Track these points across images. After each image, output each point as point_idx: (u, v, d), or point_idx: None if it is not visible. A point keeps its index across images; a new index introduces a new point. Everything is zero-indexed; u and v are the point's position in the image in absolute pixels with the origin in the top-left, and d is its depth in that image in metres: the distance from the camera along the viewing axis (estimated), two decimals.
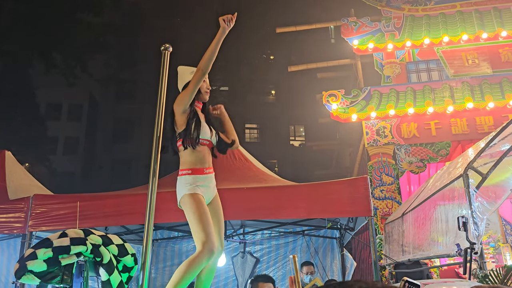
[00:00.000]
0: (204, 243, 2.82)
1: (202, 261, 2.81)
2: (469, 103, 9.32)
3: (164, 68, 3.38)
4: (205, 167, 3.05)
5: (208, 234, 2.85)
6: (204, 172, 3.03)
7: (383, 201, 9.15)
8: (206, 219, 2.90)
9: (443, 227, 4.05)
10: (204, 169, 3.04)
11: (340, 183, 4.92)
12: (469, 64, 10.33)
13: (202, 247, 2.82)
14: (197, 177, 2.99)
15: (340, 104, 9.87)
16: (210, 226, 2.90)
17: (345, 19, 10.97)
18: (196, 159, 3.02)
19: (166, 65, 3.40)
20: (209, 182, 3.07)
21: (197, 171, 3.01)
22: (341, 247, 7.10)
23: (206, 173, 3.05)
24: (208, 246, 2.82)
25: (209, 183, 3.07)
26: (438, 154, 9.43)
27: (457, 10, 10.97)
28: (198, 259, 2.80)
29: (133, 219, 4.95)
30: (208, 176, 3.06)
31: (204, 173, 3.03)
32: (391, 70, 10.56)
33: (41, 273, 2.54)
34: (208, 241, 2.83)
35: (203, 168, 3.03)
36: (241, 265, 7.35)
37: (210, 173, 3.10)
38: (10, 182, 6.04)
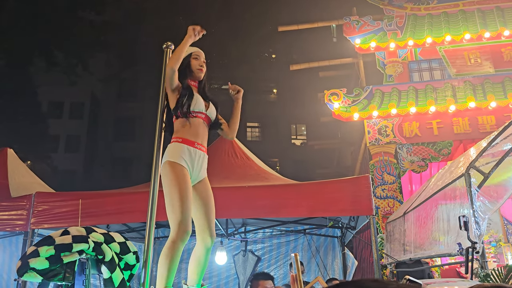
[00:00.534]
0: (180, 223, 2.68)
1: (178, 245, 2.69)
2: (471, 102, 9.30)
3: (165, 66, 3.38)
4: (197, 141, 2.91)
5: (185, 212, 2.70)
6: (195, 145, 2.90)
7: (384, 200, 9.14)
8: (186, 195, 2.74)
9: (444, 226, 4.05)
10: (196, 143, 2.90)
11: (342, 182, 4.92)
12: (471, 63, 10.32)
13: (177, 228, 2.69)
14: (186, 148, 2.85)
15: (342, 103, 9.86)
16: (189, 204, 2.74)
17: (347, 17, 10.96)
18: (188, 130, 2.91)
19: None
20: (199, 158, 2.92)
21: (187, 141, 2.87)
22: (342, 246, 7.11)
23: (197, 147, 2.91)
24: (183, 226, 2.68)
25: (198, 160, 2.92)
26: (440, 153, 9.41)
27: (459, 9, 10.95)
28: (175, 243, 2.68)
29: (135, 217, 4.96)
30: (198, 151, 2.92)
31: (195, 146, 2.89)
32: (393, 69, 10.54)
33: (43, 270, 2.54)
34: (184, 220, 2.68)
35: (194, 141, 2.90)
36: (242, 263, 7.36)
37: (201, 150, 2.95)
38: (12, 180, 6.06)
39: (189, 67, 3.12)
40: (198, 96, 3.00)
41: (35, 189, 5.56)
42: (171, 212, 2.75)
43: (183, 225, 2.69)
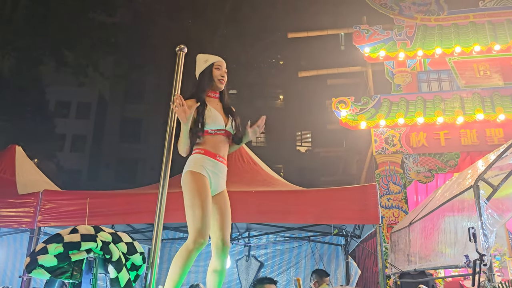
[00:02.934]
0: (199, 232, 2.69)
1: (192, 253, 2.69)
2: (479, 115, 9.27)
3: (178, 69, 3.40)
4: (219, 154, 2.94)
5: (205, 221, 2.71)
6: (217, 158, 2.93)
7: (389, 209, 9.10)
8: (206, 204, 2.76)
9: (451, 237, 4.03)
10: (217, 155, 2.93)
11: (349, 190, 4.91)
12: (480, 75, 10.29)
13: (195, 236, 2.70)
14: (208, 159, 2.89)
15: (349, 111, 9.85)
16: (209, 213, 2.76)
17: (357, 26, 10.98)
18: (209, 144, 2.94)
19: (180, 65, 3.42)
20: (219, 171, 2.95)
21: (209, 153, 2.91)
22: (346, 255, 7.07)
23: (218, 160, 2.94)
24: (201, 235, 2.69)
25: (219, 172, 2.94)
26: (446, 164, 9.37)
27: (470, 21, 10.94)
28: (190, 251, 2.69)
29: (141, 218, 4.97)
30: (219, 164, 2.94)
31: (217, 159, 2.92)
32: (402, 78, 10.54)
33: (51, 268, 2.55)
34: (203, 229, 2.69)
35: (216, 153, 2.93)
36: (245, 268, 7.34)
37: (222, 162, 2.97)
38: (19, 177, 6.10)
39: (211, 77, 3.09)
40: (216, 113, 2.98)
41: (42, 187, 5.59)
42: (191, 220, 2.76)
43: (202, 234, 2.71)
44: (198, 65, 3.17)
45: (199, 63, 3.18)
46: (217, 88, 3.11)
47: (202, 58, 3.18)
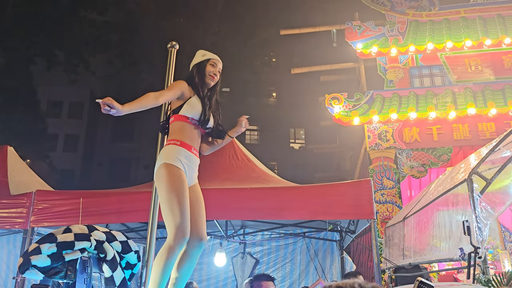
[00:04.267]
0: (178, 228, 2.60)
1: (175, 250, 2.61)
2: (471, 109, 9.33)
3: (170, 65, 3.40)
4: (193, 146, 2.91)
5: (184, 216, 2.63)
6: (192, 150, 2.89)
7: (383, 204, 9.15)
8: (184, 198, 2.69)
9: (445, 231, 4.05)
10: (192, 147, 2.89)
11: (343, 185, 4.92)
12: (472, 70, 10.36)
13: (175, 232, 2.61)
14: (183, 151, 2.83)
15: (342, 107, 9.88)
16: (187, 207, 2.68)
17: (349, 22, 11.00)
18: (185, 134, 2.89)
19: (172, 62, 3.42)
20: (193, 163, 2.91)
21: (185, 145, 2.85)
22: (341, 250, 7.08)
23: (193, 152, 2.90)
24: (182, 231, 2.61)
25: (193, 164, 2.91)
26: (439, 159, 9.43)
27: (461, 16, 11.00)
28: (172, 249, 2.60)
29: (135, 217, 4.94)
30: (194, 156, 2.90)
31: (191, 151, 2.88)
32: (394, 74, 10.57)
33: (45, 268, 2.53)
34: (182, 225, 2.61)
35: (191, 146, 2.89)
36: (240, 265, 7.34)
37: (195, 155, 2.93)
38: (11, 178, 6.03)
39: (203, 71, 3.08)
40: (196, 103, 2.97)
41: (35, 187, 5.53)
42: (170, 216, 2.65)
43: (182, 230, 2.62)
44: (195, 58, 3.17)
45: (197, 56, 3.18)
46: (206, 84, 3.09)
47: (201, 52, 3.19)
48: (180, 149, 2.83)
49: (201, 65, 3.09)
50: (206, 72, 3.08)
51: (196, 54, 3.19)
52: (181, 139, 2.86)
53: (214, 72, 3.08)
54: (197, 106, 2.96)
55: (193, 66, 3.13)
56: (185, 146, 2.85)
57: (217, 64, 3.12)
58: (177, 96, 2.96)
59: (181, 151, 2.82)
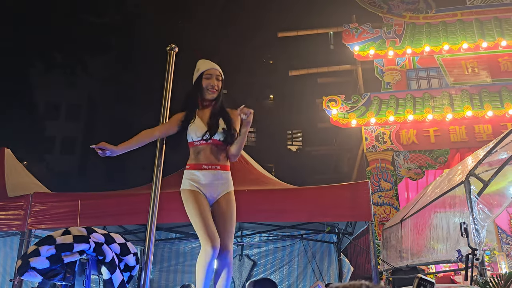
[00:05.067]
0: (206, 241, 2.81)
1: (208, 261, 2.79)
2: (468, 111, 9.38)
3: (169, 68, 3.39)
4: (204, 163, 2.99)
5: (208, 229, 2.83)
6: (203, 168, 2.99)
7: (381, 206, 9.17)
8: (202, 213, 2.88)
9: (443, 233, 4.06)
10: (203, 164, 3.00)
11: (341, 187, 4.93)
12: (468, 72, 10.41)
13: (205, 246, 2.82)
14: (193, 173, 3.00)
15: (340, 109, 9.90)
16: (207, 219, 2.87)
17: (346, 25, 11.04)
18: (194, 156, 3.05)
19: (171, 65, 3.42)
20: (210, 179, 2.99)
21: (193, 166, 3.02)
22: (339, 252, 7.10)
23: (206, 169, 2.99)
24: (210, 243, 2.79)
25: (210, 179, 2.99)
26: (436, 161, 9.47)
27: (457, 18, 11.05)
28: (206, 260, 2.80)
29: (133, 219, 4.94)
30: (208, 172, 2.99)
31: (203, 168, 2.99)
32: (392, 76, 10.61)
33: (43, 270, 2.53)
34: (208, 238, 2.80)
35: (201, 164, 3.00)
36: (238, 267, 7.34)
37: (213, 169, 3.00)
38: (9, 180, 6.01)
39: (200, 88, 3.09)
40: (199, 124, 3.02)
41: (32, 189, 5.52)
42: (197, 231, 2.89)
43: (208, 240, 2.81)
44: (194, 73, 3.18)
45: (195, 70, 3.19)
46: (207, 99, 3.10)
47: (197, 65, 3.20)
48: (189, 172, 3.02)
49: (196, 82, 3.12)
50: (203, 88, 3.09)
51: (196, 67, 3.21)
52: (190, 162, 3.06)
53: (211, 83, 3.07)
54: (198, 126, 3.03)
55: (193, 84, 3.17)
56: (193, 167, 3.02)
57: (213, 73, 3.11)
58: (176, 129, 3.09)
59: (191, 174, 3.01)
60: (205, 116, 3.08)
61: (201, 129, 3.01)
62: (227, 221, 3.00)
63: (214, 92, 3.09)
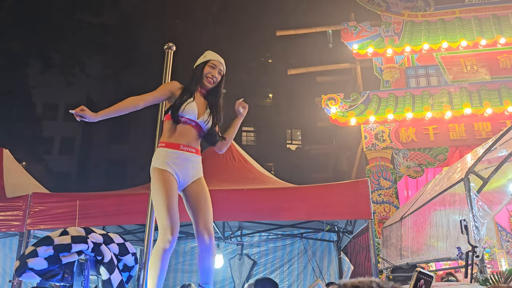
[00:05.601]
0: (164, 230, 2.68)
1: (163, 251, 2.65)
2: (467, 109, 9.37)
3: (167, 67, 3.38)
4: (183, 143, 2.87)
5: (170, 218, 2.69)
6: (180, 148, 2.86)
7: (380, 205, 9.16)
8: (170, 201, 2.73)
9: (443, 231, 4.05)
10: (181, 145, 2.86)
11: (341, 185, 4.92)
12: (467, 70, 10.40)
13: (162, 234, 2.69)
14: (169, 152, 2.84)
15: (339, 107, 9.89)
16: (173, 209, 2.72)
17: (345, 23, 11.02)
18: (173, 133, 2.88)
19: (169, 63, 3.41)
20: (186, 160, 2.87)
21: (171, 145, 2.85)
22: (339, 251, 7.09)
23: (183, 150, 2.86)
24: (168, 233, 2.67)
25: (186, 161, 2.87)
26: (436, 159, 9.46)
27: (456, 16, 11.04)
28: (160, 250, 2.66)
29: (132, 219, 4.92)
30: (185, 153, 2.87)
31: (180, 149, 2.85)
32: (390, 75, 10.60)
33: (41, 271, 2.52)
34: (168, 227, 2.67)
35: (179, 144, 2.86)
36: (238, 267, 7.33)
37: (190, 151, 2.89)
38: (7, 180, 5.99)
39: (201, 72, 3.05)
40: (192, 103, 2.94)
41: (31, 190, 5.50)
42: (158, 218, 2.75)
43: (168, 231, 2.68)
44: (199, 59, 3.16)
45: (200, 57, 3.16)
46: (204, 85, 3.06)
47: (204, 53, 3.17)
48: (166, 151, 2.85)
49: (199, 67, 3.07)
50: (203, 73, 3.04)
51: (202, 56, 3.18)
52: (167, 140, 2.88)
53: (213, 73, 3.04)
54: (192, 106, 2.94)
55: (194, 68, 3.12)
56: (171, 146, 2.86)
57: (217, 65, 3.08)
58: (163, 98, 2.99)
59: (167, 153, 2.84)
60: (200, 101, 3.01)
61: (194, 110, 2.92)
62: (205, 204, 2.90)
63: (210, 82, 3.05)
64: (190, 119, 2.91)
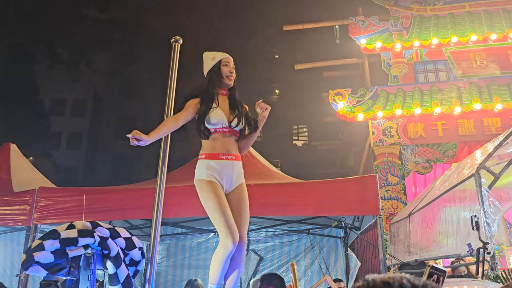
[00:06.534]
0: (225, 236, 2.78)
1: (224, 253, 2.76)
2: (476, 104, 9.26)
3: (174, 60, 3.34)
4: (222, 152, 2.95)
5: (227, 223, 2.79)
6: (220, 157, 2.95)
7: (388, 201, 9.09)
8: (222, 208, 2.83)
9: (453, 227, 4.00)
10: (220, 154, 2.95)
11: (349, 181, 4.87)
12: (477, 65, 10.27)
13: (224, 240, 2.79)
14: (210, 162, 2.93)
15: (346, 103, 9.82)
16: (227, 215, 2.82)
17: (353, 18, 10.93)
18: (210, 145, 2.98)
19: (176, 57, 3.36)
20: (226, 169, 2.95)
21: (210, 156, 2.95)
22: (346, 247, 7.04)
23: (222, 158, 2.95)
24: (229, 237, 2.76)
25: (226, 170, 2.95)
26: (444, 155, 9.37)
27: (466, 10, 10.90)
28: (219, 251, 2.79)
29: (139, 214, 4.91)
30: (225, 162, 2.95)
31: (220, 158, 2.94)
32: (399, 69, 10.50)
33: (48, 264, 2.49)
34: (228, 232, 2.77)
35: (218, 153, 2.95)
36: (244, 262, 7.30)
37: (229, 159, 2.98)
38: (14, 175, 6.02)
39: (219, 74, 3.08)
40: (217, 110, 2.98)
41: (38, 184, 5.51)
42: (216, 226, 2.85)
43: (228, 239, 2.77)
44: (206, 63, 3.16)
45: (206, 60, 3.17)
46: (226, 85, 3.09)
47: (209, 55, 3.17)
48: (205, 162, 2.95)
49: (214, 69, 3.10)
50: (222, 74, 3.08)
51: (205, 59, 3.18)
52: (206, 151, 2.99)
53: (230, 70, 3.10)
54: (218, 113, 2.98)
55: (208, 72, 3.13)
56: (210, 156, 2.96)
57: (230, 62, 3.13)
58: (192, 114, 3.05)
59: (207, 163, 2.94)
60: (224, 104, 3.06)
61: (224, 116, 2.98)
62: (244, 212, 2.98)
63: (231, 79, 3.10)
64: (221, 127, 2.98)
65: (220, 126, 2.98)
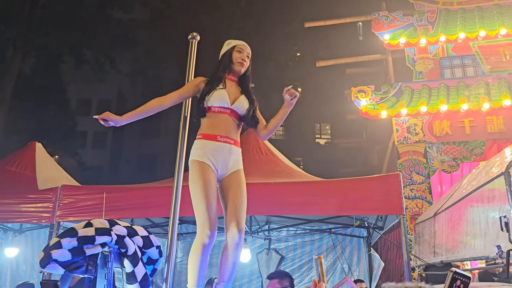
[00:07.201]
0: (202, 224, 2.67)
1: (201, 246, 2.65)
2: (506, 100, 8.94)
3: (191, 57, 3.31)
4: (220, 134, 2.81)
5: (207, 212, 2.66)
6: (217, 139, 2.81)
7: (413, 200, 8.88)
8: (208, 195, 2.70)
9: (481, 228, 3.84)
10: (218, 136, 2.81)
11: (372, 179, 4.75)
12: (506, 59, 9.92)
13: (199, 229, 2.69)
14: (207, 142, 2.80)
15: (369, 100, 9.64)
16: (211, 203, 2.69)
17: (376, 13, 10.72)
18: (209, 125, 2.86)
19: (193, 53, 3.34)
20: (223, 151, 2.81)
21: (207, 136, 2.82)
22: (369, 247, 6.91)
23: (220, 140, 2.81)
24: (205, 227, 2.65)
25: (223, 153, 2.81)
26: (472, 153, 9.08)
27: (494, 3, 10.56)
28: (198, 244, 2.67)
29: (159, 212, 4.92)
30: (222, 144, 2.81)
31: (217, 140, 2.80)
32: (424, 65, 10.24)
33: (65, 262, 2.50)
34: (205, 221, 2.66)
35: (216, 135, 2.81)
36: (265, 262, 7.26)
37: (227, 142, 2.83)
38: (39, 173, 6.14)
39: (230, 59, 3.02)
40: (221, 91, 2.89)
41: (61, 182, 5.61)
42: (196, 212, 2.73)
43: (206, 225, 2.67)
44: (222, 48, 3.13)
45: (223, 46, 3.14)
46: (236, 71, 3.03)
47: (227, 42, 3.15)
48: (202, 142, 2.82)
49: (227, 53, 3.05)
50: (233, 59, 3.02)
51: (224, 45, 3.16)
52: (203, 131, 2.86)
53: (242, 57, 3.02)
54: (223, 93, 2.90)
55: (221, 56, 3.11)
56: (208, 137, 2.82)
57: (244, 49, 3.06)
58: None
59: (204, 144, 2.81)
60: (231, 89, 2.98)
61: (225, 97, 2.88)
62: (240, 198, 2.81)
63: (243, 65, 3.02)
64: (222, 107, 2.87)
65: (221, 105, 2.87)
